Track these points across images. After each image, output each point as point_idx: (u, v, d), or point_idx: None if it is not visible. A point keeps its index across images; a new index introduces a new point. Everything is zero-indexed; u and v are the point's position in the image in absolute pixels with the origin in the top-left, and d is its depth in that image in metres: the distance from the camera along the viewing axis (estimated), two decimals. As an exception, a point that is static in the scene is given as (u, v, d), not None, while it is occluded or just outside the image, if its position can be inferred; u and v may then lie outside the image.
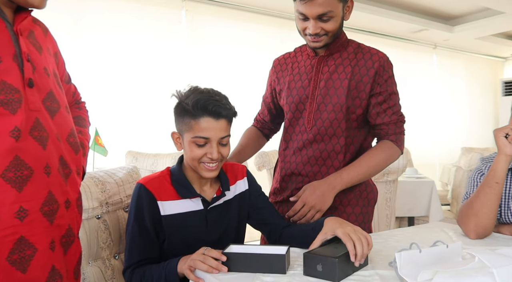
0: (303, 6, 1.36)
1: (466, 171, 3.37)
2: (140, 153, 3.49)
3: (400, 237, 1.36)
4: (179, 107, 1.27)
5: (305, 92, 1.51)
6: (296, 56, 1.62)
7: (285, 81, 1.59)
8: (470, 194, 1.45)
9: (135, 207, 1.23)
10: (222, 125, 1.23)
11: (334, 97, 1.46)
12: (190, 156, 1.24)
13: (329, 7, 1.35)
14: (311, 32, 1.40)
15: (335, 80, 1.47)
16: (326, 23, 1.39)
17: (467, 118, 7.10)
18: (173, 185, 1.27)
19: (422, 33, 5.90)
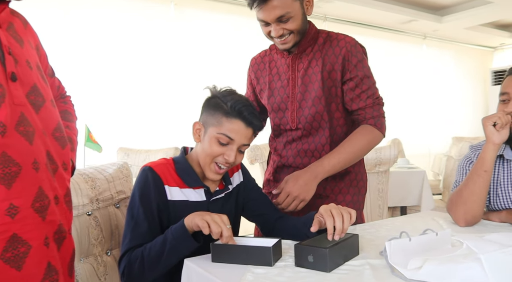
0: (260, 12, 1.39)
1: (457, 160, 3.40)
2: (131, 149, 3.47)
3: (391, 227, 1.37)
4: (213, 102, 1.28)
5: (286, 92, 1.54)
6: (272, 54, 1.62)
7: (265, 82, 1.61)
8: (459, 182, 1.46)
9: (141, 190, 1.22)
10: (248, 134, 1.26)
11: (312, 92, 1.49)
12: (207, 151, 1.25)
13: (285, 8, 1.37)
14: (274, 35, 1.42)
15: (310, 75, 1.50)
16: (287, 23, 1.40)
17: (457, 108, 7.14)
18: (178, 173, 1.27)
19: (411, 24, 5.91)
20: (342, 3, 4.89)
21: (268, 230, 1.37)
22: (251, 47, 4.68)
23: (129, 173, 1.61)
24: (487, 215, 1.42)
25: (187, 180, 1.27)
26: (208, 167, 1.26)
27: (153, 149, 3.45)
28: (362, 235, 1.22)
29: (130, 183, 1.60)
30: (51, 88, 1.12)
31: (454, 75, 7.17)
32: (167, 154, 3.31)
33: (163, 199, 1.23)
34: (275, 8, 1.36)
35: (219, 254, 1.05)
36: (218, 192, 1.31)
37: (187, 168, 1.29)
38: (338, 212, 1.07)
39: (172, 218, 1.23)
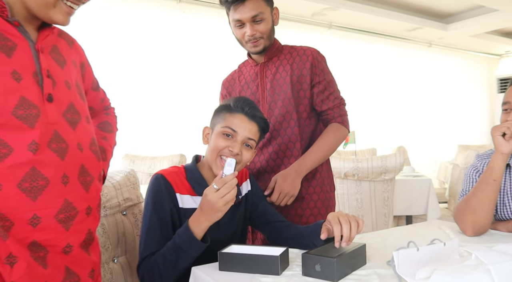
0: (237, 12, 1.57)
1: (463, 168, 3.38)
2: (137, 156, 3.49)
3: (397, 236, 1.37)
4: (220, 106, 1.37)
5: (256, 97, 1.70)
6: (241, 71, 1.81)
7: (236, 93, 1.77)
8: (466, 191, 1.46)
9: (154, 197, 1.24)
10: (252, 127, 1.32)
11: (281, 94, 1.66)
12: (213, 146, 1.30)
13: (259, 9, 1.57)
14: (248, 34, 1.59)
15: (278, 80, 1.67)
16: (260, 25, 1.59)
17: (463, 116, 7.12)
18: (189, 181, 1.30)
19: (416, 31, 5.92)
20: (347, 11, 4.91)
21: (275, 238, 1.37)
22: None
23: (136, 180, 1.62)
24: (494, 225, 1.41)
25: (197, 188, 1.29)
26: (214, 162, 1.29)
27: (159, 156, 3.46)
28: (369, 244, 1.21)
29: (137, 190, 1.61)
30: (95, 101, 1.25)
31: (459, 83, 7.16)
32: (173, 161, 3.32)
33: (175, 206, 1.25)
34: (250, 8, 1.55)
35: (227, 262, 1.06)
36: None
37: (197, 176, 1.31)
38: (346, 220, 1.08)
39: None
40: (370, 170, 2.84)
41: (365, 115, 5.61)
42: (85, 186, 1.02)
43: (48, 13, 0.96)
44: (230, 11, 1.61)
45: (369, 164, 2.84)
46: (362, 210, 2.90)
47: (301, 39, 4.67)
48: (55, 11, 0.97)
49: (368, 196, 2.89)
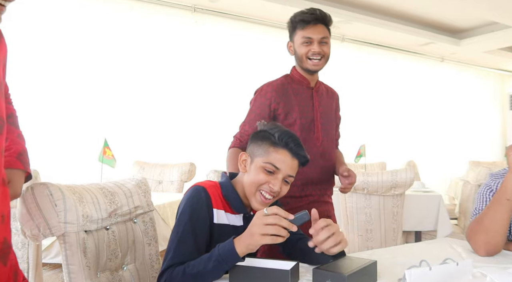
0: (309, 31, 1.83)
1: (474, 185, 3.34)
2: (147, 163, 3.50)
3: (408, 253, 1.35)
4: (261, 134, 1.33)
5: (311, 116, 1.91)
6: (291, 83, 1.95)
7: (292, 105, 1.89)
8: (479, 210, 1.44)
9: (192, 207, 1.23)
10: (294, 165, 1.31)
11: (329, 119, 1.98)
12: (253, 179, 1.28)
13: (326, 33, 1.86)
14: (316, 51, 1.83)
15: (325, 106, 1.97)
16: (325, 46, 1.85)
17: (474, 132, 7.07)
18: (224, 198, 1.31)
19: (429, 46, 5.92)
20: (360, 24, 4.93)
21: (289, 251, 1.37)
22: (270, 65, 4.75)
23: (147, 188, 1.63)
24: (508, 245, 1.39)
25: (233, 204, 1.31)
26: (253, 196, 1.29)
27: (169, 164, 3.47)
28: (379, 261, 1.20)
29: (148, 198, 1.61)
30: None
31: (471, 98, 7.12)
32: (182, 169, 3.33)
33: (211, 221, 1.26)
34: (321, 30, 1.84)
35: (237, 276, 1.05)
36: None
37: (233, 193, 1.32)
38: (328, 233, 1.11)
39: (214, 240, 1.24)
40: (380, 184, 2.82)
41: (375, 128, 5.59)
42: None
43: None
44: (299, 29, 1.85)
45: (379, 178, 2.82)
46: (371, 224, 2.88)
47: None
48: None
49: (377, 210, 2.87)
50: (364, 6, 4.81)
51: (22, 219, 1.19)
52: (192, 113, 4.33)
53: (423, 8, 4.91)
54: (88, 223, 1.31)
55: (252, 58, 4.67)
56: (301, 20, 1.83)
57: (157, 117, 4.18)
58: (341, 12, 4.64)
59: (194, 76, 4.39)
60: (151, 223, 1.60)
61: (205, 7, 4.40)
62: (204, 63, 4.43)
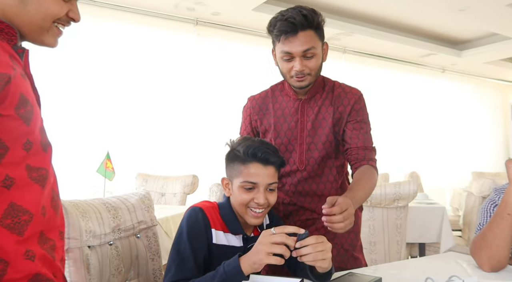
0: (288, 44, 1.45)
1: (478, 197, 3.33)
2: (150, 175, 3.51)
3: (413, 269, 1.35)
4: (231, 154, 1.33)
5: (293, 134, 1.60)
6: (275, 96, 1.67)
7: (269, 123, 1.65)
8: (483, 225, 1.44)
9: (190, 228, 1.24)
10: (270, 172, 1.28)
11: (322, 136, 1.58)
12: (238, 200, 1.29)
13: (311, 43, 1.45)
14: (297, 69, 1.47)
15: (320, 121, 1.59)
16: (310, 60, 1.47)
17: (476, 142, 7.06)
18: (223, 218, 1.31)
19: (430, 57, 5.94)
20: (361, 36, 4.96)
21: (293, 267, 1.36)
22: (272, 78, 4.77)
23: (151, 203, 1.63)
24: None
25: (230, 226, 1.31)
26: (246, 214, 1.29)
27: (171, 176, 3.47)
28: (384, 277, 1.20)
29: (151, 213, 1.61)
30: None
31: (473, 109, 7.12)
32: (185, 182, 3.33)
33: (209, 241, 1.26)
34: (303, 41, 1.43)
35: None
36: (254, 239, 1.31)
37: (231, 215, 1.32)
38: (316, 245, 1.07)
39: (213, 260, 1.25)
40: (383, 197, 2.82)
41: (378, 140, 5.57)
42: None
43: (41, 37, 0.95)
44: (279, 41, 1.48)
45: (382, 191, 2.82)
46: (375, 237, 2.87)
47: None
48: (48, 35, 0.96)
49: (380, 222, 2.86)
50: (365, 18, 4.84)
51: (26, 235, 1.19)
52: (195, 125, 4.34)
53: (423, 20, 4.94)
54: (91, 238, 1.31)
55: (254, 71, 4.69)
56: (278, 30, 1.46)
57: (160, 129, 4.19)
58: (342, 24, 4.67)
59: (197, 89, 4.41)
60: (155, 238, 1.60)
61: (207, 20, 4.44)
62: (207, 76, 4.46)
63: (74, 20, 0.98)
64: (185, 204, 3.29)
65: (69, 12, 0.95)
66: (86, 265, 1.24)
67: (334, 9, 4.48)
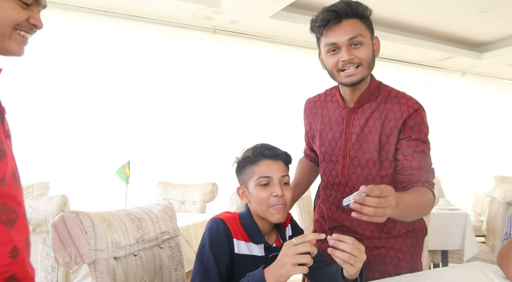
0: (331, 34, 1.35)
1: (502, 202, 3.26)
2: (170, 183, 3.54)
3: (438, 279, 1.33)
4: (240, 164, 1.39)
5: (337, 144, 1.50)
6: (326, 101, 1.59)
7: (316, 129, 1.60)
8: (510, 234, 1.41)
9: (212, 239, 1.26)
10: (280, 166, 1.33)
11: (367, 153, 1.44)
12: (257, 199, 1.31)
13: (357, 30, 1.34)
14: (345, 59, 1.34)
15: (366, 135, 1.44)
16: (358, 49, 1.35)
17: (499, 146, 6.91)
18: (244, 228, 1.33)
19: (449, 60, 5.86)
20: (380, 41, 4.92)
21: (316, 278, 1.36)
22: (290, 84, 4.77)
23: (173, 213, 1.65)
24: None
25: (252, 235, 1.32)
26: (268, 213, 1.31)
27: (191, 184, 3.50)
28: (409, 288, 1.19)
29: (174, 224, 1.63)
30: None
31: (495, 112, 6.99)
32: (205, 189, 3.35)
33: (232, 251, 1.28)
34: (348, 29, 1.34)
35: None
36: (276, 249, 1.34)
37: (252, 224, 1.34)
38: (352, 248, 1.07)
39: (236, 270, 1.27)
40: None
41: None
42: None
43: (4, 45, 0.92)
44: (323, 36, 1.39)
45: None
46: (396, 244, 2.83)
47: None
48: (11, 43, 0.93)
49: (402, 230, 2.82)
50: (384, 23, 4.81)
51: (55, 247, 1.22)
52: (214, 133, 4.37)
53: (443, 23, 4.89)
54: (117, 249, 1.33)
55: (272, 78, 4.71)
56: (320, 21, 1.37)
57: (179, 137, 4.23)
58: (359, 30, 4.64)
59: (216, 97, 4.44)
60: (177, 248, 1.62)
61: (224, 29, 4.48)
62: (225, 84, 4.49)
63: (36, 26, 0.96)
64: (204, 211, 3.31)
65: (30, 19, 0.94)
66: (113, 276, 1.27)
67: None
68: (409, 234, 1.50)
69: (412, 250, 1.50)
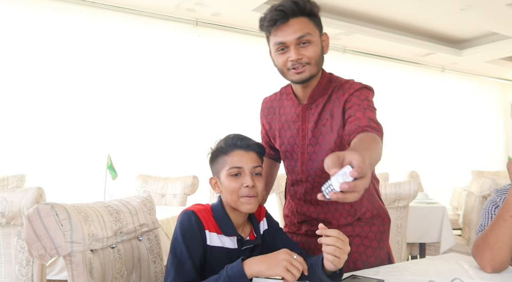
0: (280, 33, 1.36)
1: (478, 196, 3.33)
2: (150, 176, 3.51)
3: (415, 270, 1.35)
4: (213, 154, 1.38)
5: (296, 141, 1.51)
6: (282, 99, 1.59)
7: (276, 128, 1.60)
8: (484, 226, 1.44)
9: (185, 231, 1.25)
10: (252, 156, 1.32)
11: (323, 146, 1.44)
12: (228, 189, 1.30)
13: (305, 29, 1.35)
14: (293, 58, 1.35)
15: (321, 129, 1.44)
16: (306, 48, 1.36)
17: (477, 141, 7.06)
18: (216, 220, 1.32)
19: (430, 56, 5.94)
20: (361, 36, 4.96)
21: None
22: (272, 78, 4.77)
23: (152, 205, 1.63)
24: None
25: (224, 227, 1.31)
26: (238, 203, 1.30)
27: (172, 177, 3.47)
28: (386, 279, 1.20)
29: (153, 216, 1.62)
30: None
31: (473, 108, 7.13)
32: (185, 182, 3.33)
33: (204, 243, 1.27)
34: (296, 28, 1.34)
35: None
36: (249, 242, 1.34)
37: (224, 216, 1.33)
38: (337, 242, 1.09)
39: (208, 262, 1.26)
40: (384, 197, 2.81)
41: (377, 139, 5.59)
42: None
43: None
44: (271, 35, 1.39)
45: (383, 191, 2.82)
46: (375, 237, 2.86)
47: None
48: None
49: (381, 223, 2.86)
50: (365, 18, 4.84)
51: (29, 240, 1.19)
52: (195, 126, 4.34)
53: (423, 19, 4.94)
54: (94, 242, 1.31)
55: (255, 71, 4.69)
56: (268, 21, 1.37)
57: (160, 130, 4.19)
58: (342, 24, 4.67)
59: (197, 90, 4.41)
60: (156, 241, 1.60)
61: (207, 21, 4.44)
62: (207, 76, 4.46)
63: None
64: (185, 204, 3.29)
65: None
66: (89, 269, 1.24)
67: (334, 9, 4.48)
68: (374, 220, 1.53)
69: (378, 236, 1.55)
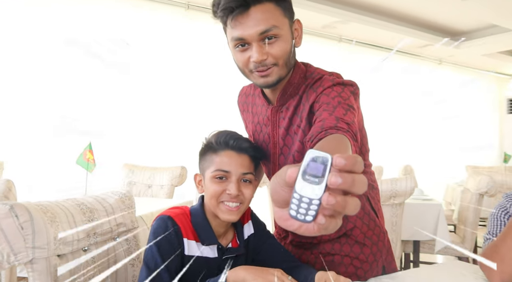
0: (239, 25, 1.04)
1: (475, 194, 3.24)
2: (136, 166, 3.37)
3: (414, 279, 1.24)
4: (204, 147, 1.21)
5: (268, 148, 1.30)
6: (254, 96, 1.35)
7: (249, 127, 1.40)
8: (493, 234, 1.33)
9: (159, 240, 1.11)
10: (244, 161, 1.16)
11: (292, 147, 1.23)
12: (209, 192, 1.15)
13: (271, 20, 1.03)
14: (255, 60, 1.06)
15: (293, 136, 1.21)
16: (272, 46, 1.06)
17: (472, 136, 6.99)
18: (194, 227, 1.17)
19: (427, 48, 5.82)
20: (358, 24, 4.82)
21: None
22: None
23: (132, 203, 1.49)
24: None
25: (202, 235, 1.16)
26: (218, 209, 1.15)
27: (159, 167, 3.33)
28: (386, 294, 1.08)
29: (132, 214, 1.48)
30: None
31: (469, 102, 7.05)
32: (173, 173, 3.20)
33: (182, 252, 1.13)
34: (258, 19, 1.02)
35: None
36: (231, 251, 1.21)
37: (203, 222, 1.18)
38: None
39: (186, 272, 1.12)
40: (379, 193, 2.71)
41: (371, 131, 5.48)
42: None
43: None
44: (227, 27, 1.09)
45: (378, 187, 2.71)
46: (369, 235, 2.77)
47: (310, 51, 4.57)
48: None
49: (375, 220, 2.76)
50: (362, 6, 4.69)
51: (-16, 244, 1.05)
52: (185, 115, 4.19)
53: (421, 10, 4.81)
54: (62, 245, 1.17)
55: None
56: (222, 9, 1.04)
57: (148, 118, 4.04)
58: (338, 12, 4.51)
59: (187, 76, 4.25)
60: (135, 242, 1.47)
61: (199, 4, 4.27)
62: (198, 63, 4.29)
63: None
64: (172, 196, 3.16)
65: None
66: (54, 277, 1.11)
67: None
68: (366, 241, 1.29)
69: (371, 258, 1.29)
